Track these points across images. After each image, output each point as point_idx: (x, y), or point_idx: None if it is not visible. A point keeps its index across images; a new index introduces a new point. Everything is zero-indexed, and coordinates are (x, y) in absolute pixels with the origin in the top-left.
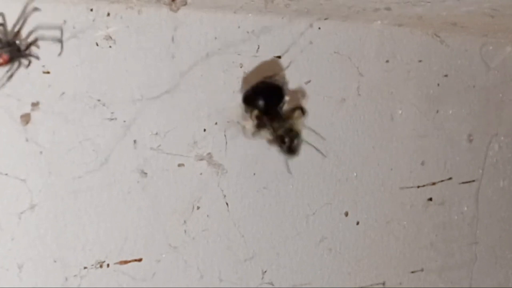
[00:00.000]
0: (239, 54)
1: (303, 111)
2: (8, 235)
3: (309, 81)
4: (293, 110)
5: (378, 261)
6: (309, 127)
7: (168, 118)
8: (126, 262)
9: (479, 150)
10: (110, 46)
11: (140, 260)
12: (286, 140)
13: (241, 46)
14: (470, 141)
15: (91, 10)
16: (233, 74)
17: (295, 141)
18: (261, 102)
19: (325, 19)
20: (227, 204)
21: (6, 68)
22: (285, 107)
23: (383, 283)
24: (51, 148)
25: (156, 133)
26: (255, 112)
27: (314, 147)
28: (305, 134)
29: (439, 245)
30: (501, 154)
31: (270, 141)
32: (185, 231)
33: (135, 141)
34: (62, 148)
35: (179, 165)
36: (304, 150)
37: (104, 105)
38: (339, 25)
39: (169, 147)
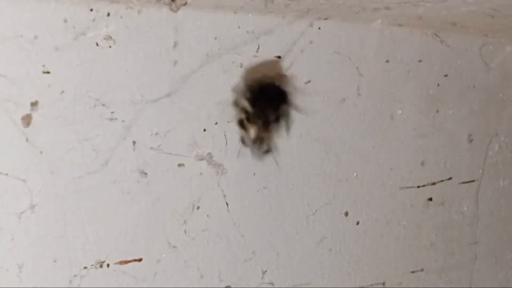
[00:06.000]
0: (239, 54)
1: (288, 100)
2: (8, 235)
3: (309, 81)
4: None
5: (378, 261)
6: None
7: (168, 118)
8: (126, 262)
9: (479, 150)
10: (110, 46)
11: (140, 260)
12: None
13: (241, 46)
14: (470, 141)
15: (91, 10)
16: (233, 74)
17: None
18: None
19: (325, 19)
20: (227, 204)
21: None
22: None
23: (383, 283)
24: (51, 148)
25: (156, 133)
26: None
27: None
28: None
29: (439, 245)
30: (501, 154)
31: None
32: (185, 231)
33: (135, 141)
34: (62, 148)
35: (179, 165)
36: (304, 150)
37: (104, 105)
38: (339, 25)
39: (169, 147)
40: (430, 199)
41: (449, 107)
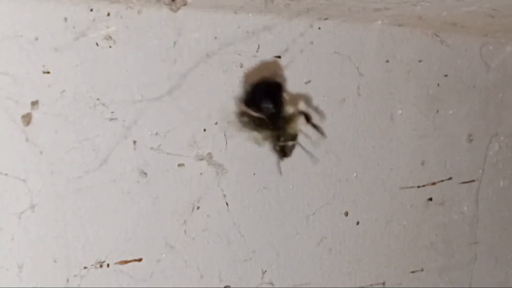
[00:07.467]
0: (239, 54)
1: (307, 118)
2: (8, 235)
3: (309, 81)
4: (295, 114)
5: (378, 261)
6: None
7: (168, 118)
8: (126, 262)
9: (479, 150)
10: (110, 46)
11: (140, 260)
12: (287, 149)
13: (241, 46)
14: (470, 141)
15: (91, 10)
16: (233, 74)
17: (291, 145)
18: (266, 105)
19: (325, 19)
20: (227, 204)
21: None
22: (287, 108)
23: (383, 283)
24: (51, 148)
25: (156, 133)
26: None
27: (307, 151)
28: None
29: (439, 245)
30: (501, 154)
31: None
32: (185, 231)
33: (135, 141)
34: (62, 148)
35: (179, 165)
36: (303, 150)
37: (104, 105)
38: (339, 25)
39: (169, 147)
40: (430, 199)
41: (449, 107)
